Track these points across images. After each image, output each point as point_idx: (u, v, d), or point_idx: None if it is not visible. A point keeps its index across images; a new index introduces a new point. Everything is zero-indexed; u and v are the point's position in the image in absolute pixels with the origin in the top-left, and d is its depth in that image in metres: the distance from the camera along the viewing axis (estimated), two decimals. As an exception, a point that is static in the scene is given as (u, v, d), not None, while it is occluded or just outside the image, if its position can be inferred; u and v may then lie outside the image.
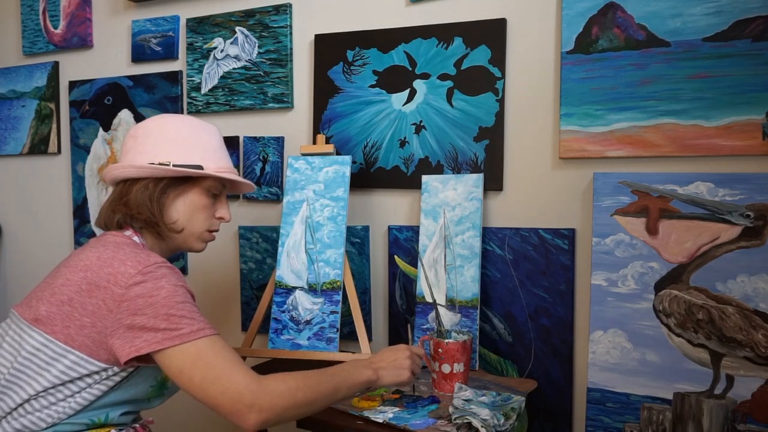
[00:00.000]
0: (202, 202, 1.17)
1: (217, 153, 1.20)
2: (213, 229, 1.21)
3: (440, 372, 1.29)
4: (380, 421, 1.15)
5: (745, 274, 1.22)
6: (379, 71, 1.60)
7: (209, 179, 1.17)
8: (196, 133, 1.18)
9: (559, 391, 1.42)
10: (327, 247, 1.47)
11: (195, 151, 1.16)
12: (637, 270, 1.30)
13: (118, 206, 1.13)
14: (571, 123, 1.37)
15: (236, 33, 1.79)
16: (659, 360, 1.28)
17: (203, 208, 1.18)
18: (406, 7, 1.58)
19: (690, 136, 1.28)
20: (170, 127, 1.17)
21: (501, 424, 1.10)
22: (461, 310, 1.44)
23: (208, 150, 1.18)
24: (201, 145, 1.17)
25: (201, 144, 1.17)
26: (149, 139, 1.15)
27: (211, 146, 1.19)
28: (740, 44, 1.24)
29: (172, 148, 1.14)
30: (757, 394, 1.21)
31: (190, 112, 1.88)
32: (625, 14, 1.33)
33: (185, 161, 1.15)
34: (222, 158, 1.20)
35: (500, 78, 1.46)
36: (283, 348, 1.43)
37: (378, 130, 1.60)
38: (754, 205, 1.21)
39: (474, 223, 1.46)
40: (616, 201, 1.33)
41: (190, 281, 1.92)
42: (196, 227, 1.18)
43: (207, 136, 1.19)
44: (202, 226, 1.18)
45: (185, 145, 1.16)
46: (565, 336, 1.41)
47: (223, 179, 1.19)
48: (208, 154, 1.17)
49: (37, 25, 2.15)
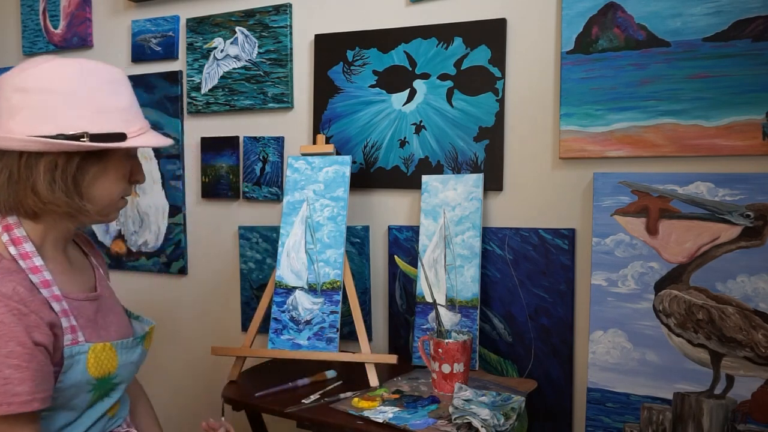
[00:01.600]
0: (123, 171, 0.98)
1: (133, 107, 0.98)
2: (128, 195, 1.02)
3: (440, 372, 1.29)
4: (380, 421, 1.15)
5: (745, 274, 1.22)
6: (379, 71, 1.60)
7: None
8: (108, 86, 0.94)
9: (559, 391, 1.42)
10: (327, 247, 1.47)
11: (111, 112, 0.93)
12: (637, 270, 1.30)
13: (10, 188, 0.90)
14: (571, 123, 1.37)
15: (236, 33, 1.79)
16: (659, 360, 1.28)
17: (123, 177, 0.99)
18: (406, 7, 1.58)
19: (690, 136, 1.28)
20: (72, 80, 0.91)
21: (501, 424, 1.10)
22: (461, 310, 1.44)
23: (123, 107, 0.95)
24: (114, 104, 0.94)
25: (114, 101, 0.94)
26: (50, 97, 0.89)
27: (125, 100, 0.96)
28: (740, 44, 1.23)
29: (82, 111, 0.90)
30: (757, 394, 1.21)
31: (190, 113, 1.88)
32: (625, 14, 1.33)
33: (103, 129, 0.91)
34: (138, 113, 0.98)
35: (500, 78, 1.46)
36: (283, 348, 1.43)
37: (378, 130, 1.60)
38: (754, 205, 1.21)
39: (474, 223, 1.46)
40: (616, 201, 1.33)
41: (190, 281, 1.93)
42: (114, 198, 0.99)
43: (117, 86, 0.95)
44: (119, 195, 1.00)
45: (97, 104, 0.92)
46: (565, 336, 1.41)
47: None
48: (125, 113, 0.95)
49: (37, 25, 2.15)
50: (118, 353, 0.99)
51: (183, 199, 1.91)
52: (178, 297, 1.95)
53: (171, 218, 1.93)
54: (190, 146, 1.90)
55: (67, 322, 0.93)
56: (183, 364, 1.97)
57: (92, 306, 1.01)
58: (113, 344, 0.98)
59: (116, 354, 0.99)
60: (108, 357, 0.97)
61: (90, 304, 1.00)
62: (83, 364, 0.93)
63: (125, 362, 1.01)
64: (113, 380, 0.99)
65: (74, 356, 0.92)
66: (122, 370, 1.01)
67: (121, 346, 1.00)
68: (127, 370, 1.02)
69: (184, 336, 1.95)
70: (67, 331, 0.92)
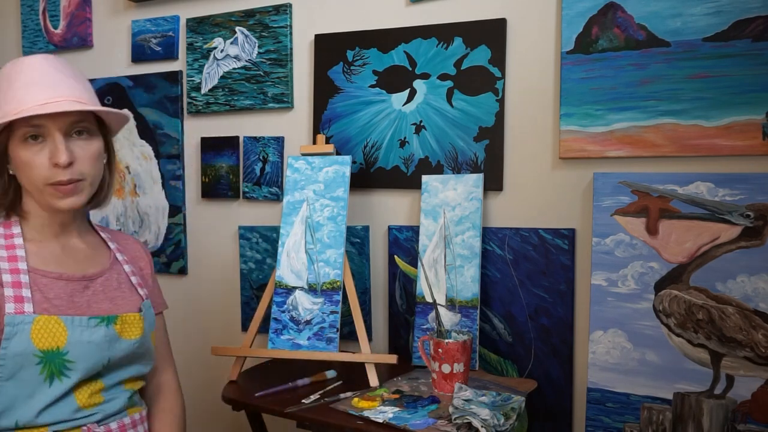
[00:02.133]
0: (23, 156, 0.99)
1: (30, 91, 0.98)
2: (54, 181, 0.99)
3: (440, 372, 1.29)
4: (380, 421, 1.15)
5: (745, 274, 1.22)
6: (379, 71, 1.60)
7: (18, 126, 0.98)
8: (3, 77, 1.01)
9: (559, 391, 1.42)
10: (327, 247, 1.47)
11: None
12: (637, 270, 1.30)
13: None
14: (571, 123, 1.37)
15: (236, 33, 1.79)
16: (659, 360, 1.28)
17: (26, 163, 0.99)
18: (406, 7, 1.58)
19: (690, 136, 1.28)
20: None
21: (501, 424, 1.10)
22: (461, 310, 1.44)
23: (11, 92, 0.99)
24: (2, 93, 1.00)
25: (3, 90, 1.00)
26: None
27: (20, 84, 0.99)
28: (740, 44, 1.23)
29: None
30: (757, 394, 1.21)
31: (190, 113, 1.88)
32: (625, 14, 1.33)
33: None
34: (35, 96, 0.98)
35: (500, 78, 1.46)
36: (283, 348, 1.43)
37: (378, 130, 1.60)
38: (754, 205, 1.21)
39: (474, 223, 1.46)
40: (616, 201, 1.33)
41: (190, 281, 1.93)
42: (37, 185, 1.00)
43: (15, 74, 1.00)
44: (40, 182, 1.00)
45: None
46: (565, 336, 1.41)
47: (30, 116, 0.97)
48: (8, 95, 0.99)
49: (37, 25, 2.15)
50: (68, 328, 1.00)
51: (183, 199, 1.91)
52: (178, 297, 1.95)
53: (171, 218, 1.93)
54: (190, 146, 1.90)
55: (13, 292, 0.98)
56: (183, 364, 1.96)
57: (71, 285, 1.05)
58: (61, 318, 1.00)
59: (65, 329, 0.99)
60: (54, 330, 0.98)
61: (67, 284, 1.04)
62: (27, 334, 0.96)
63: (79, 340, 1.00)
64: (63, 356, 0.99)
65: (16, 325, 0.96)
66: (75, 348, 1.00)
67: (71, 323, 1.00)
68: (85, 349, 1.01)
69: (184, 336, 1.95)
70: (9, 299, 0.97)
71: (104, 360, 1.04)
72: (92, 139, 1.05)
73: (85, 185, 1.03)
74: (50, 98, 0.98)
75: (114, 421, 1.05)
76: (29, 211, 1.06)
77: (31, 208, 1.06)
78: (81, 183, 1.02)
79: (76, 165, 1.01)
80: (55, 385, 0.99)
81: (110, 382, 1.06)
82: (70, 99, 1.00)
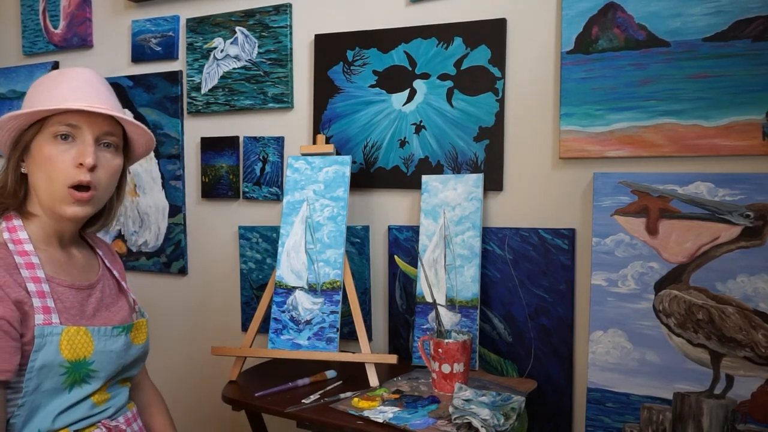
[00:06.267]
0: (48, 152, 0.98)
1: (74, 92, 1.00)
2: (75, 183, 0.99)
3: (440, 372, 1.29)
4: (380, 421, 1.15)
5: (745, 274, 1.22)
6: (379, 71, 1.60)
7: (52, 123, 0.98)
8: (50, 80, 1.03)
9: (559, 391, 1.42)
10: (327, 247, 1.47)
11: (37, 98, 1.00)
12: (637, 270, 1.30)
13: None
14: (571, 123, 1.37)
15: (236, 33, 1.79)
16: (659, 360, 1.28)
17: (50, 160, 0.98)
18: (406, 7, 1.58)
19: (690, 136, 1.28)
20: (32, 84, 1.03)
21: (501, 424, 1.10)
22: (461, 310, 1.44)
23: (56, 90, 1.00)
24: (47, 91, 1.00)
25: (48, 89, 1.00)
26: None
27: (66, 86, 1.00)
28: (740, 44, 1.23)
29: (26, 102, 1.00)
30: (757, 394, 1.21)
31: (190, 113, 1.88)
32: (625, 14, 1.33)
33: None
34: (79, 97, 0.99)
35: (500, 78, 1.46)
36: (283, 348, 1.43)
37: (378, 130, 1.60)
38: (754, 205, 1.21)
39: (474, 223, 1.46)
40: (616, 201, 1.33)
41: (190, 281, 1.93)
42: (54, 184, 0.99)
43: (62, 77, 1.02)
44: (60, 181, 0.98)
45: (32, 95, 1.01)
46: (565, 336, 1.41)
47: (70, 110, 0.97)
48: (53, 93, 0.99)
49: (37, 25, 2.15)
50: (94, 339, 1.01)
51: (183, 199, 1.92)
52: (178, 297, 1.95)
53: (171, 218, 1.93)
54: (190, 146, 1.90)
55: (40, 302, 0.96)
56: (183, 364, 1.97)
57: (80, 295, 1.05)
58: (89, 329, 1.01)
59: (92, 339, 1.01)
60: (82, 341, 1.00)
61: (77, 293, 1.04)
62: (56, 345, 0.96)
63: (103, 349, 1.02)
64: (89, 366, 1.00)
65: (46, 336, 0.96)
66: (100, 357, 1.02)
67: (97, 333, 1.02)
68: (107, 358, 1.03)
69: (184, 336, 1.95)
70: (38, 310, 0.96)
71: (120, 366, 1.07)
72: (116, 155, 1.06)
73: (96, 196, 1.03)
74: (94, 102, 1.00)
75: (121, 415, 1.09)
76: (34, 213, 1.04)
77: (36, 211, 1.04)
78: (94, 193, 1.02)
79: (98, 171, 1.01)
80: (75, 391, 1.00)
81: (113, 380, 1.09)
82: (112, 109, 1.02)
